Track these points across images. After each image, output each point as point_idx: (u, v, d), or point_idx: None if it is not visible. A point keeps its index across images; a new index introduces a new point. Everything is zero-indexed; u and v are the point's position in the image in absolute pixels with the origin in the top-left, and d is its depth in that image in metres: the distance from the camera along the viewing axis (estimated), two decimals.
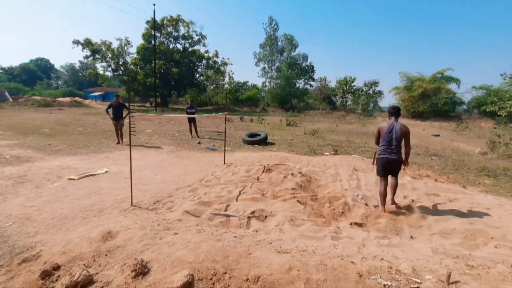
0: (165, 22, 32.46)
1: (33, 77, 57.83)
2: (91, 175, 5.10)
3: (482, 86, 27.69)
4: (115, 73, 33.95)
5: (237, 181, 4.95)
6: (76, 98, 31.90)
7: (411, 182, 5.36)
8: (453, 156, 8.36)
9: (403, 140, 3.93)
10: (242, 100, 40.59)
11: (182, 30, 34.44)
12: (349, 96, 38.52)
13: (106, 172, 5.36)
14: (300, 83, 43.79)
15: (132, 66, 33.32)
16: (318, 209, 3.91)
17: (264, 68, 46.14)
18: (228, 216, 3.34)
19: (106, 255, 2.26)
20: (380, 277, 1.97)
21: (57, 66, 69.61)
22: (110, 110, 8.47)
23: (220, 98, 41.48)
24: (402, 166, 4.09)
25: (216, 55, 36.79)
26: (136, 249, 2.29)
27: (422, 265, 2.22)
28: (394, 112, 4.05)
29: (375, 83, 35.06)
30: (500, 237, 3.09)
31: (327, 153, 7.87)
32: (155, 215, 3.38)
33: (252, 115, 25.46)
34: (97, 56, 31.05)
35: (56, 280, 2.00)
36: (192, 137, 10.44)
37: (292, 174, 5.33)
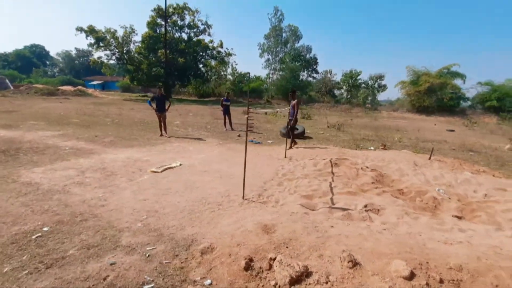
0: (170, 10, 31.69)
1: (29, 64, 55.90)
2: (169, 168, 5.16)
3: (487, 82, 28.31)
4: (119, 62, 33.17)
5: (314, 174, 5.09)
6: (79, 87, 31.18)
7: (474, 177, 5.60)
8: (488, 152, 8.67)
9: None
10: (245, 91, 40.38)
11: (188, 19, 33.80)
12: (352, 90, 38.80)
13: (180, 165, 5.41)
14: (303, 75, 43.77)
15: (136, 55, 32.60)
16: (412, 203, 4.10)
17: (268, 59, 45.78)
18: (344, 209, 3.49)
19: (287, 247, 2.38)
20: None
21: (52, 53, 67.64)
22: (154, 103, 8.43)
23: (223, 88, 41.19)
24: None
25: (221, 45, 36.35)
26: (313, 241, 2.42)
27: None
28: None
29: (381, 77, 35.32)
30: None
31: (372, 148, 8.07)
32: (272, 208, 3.50)
33: (257, 107, 25.29)
34: (101, 44, 30.21)
35: (261, 272, 2.12)
36: (226, 129, 10.48)
37: (361, 168, 5.50)
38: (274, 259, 2.20)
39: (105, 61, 32.03)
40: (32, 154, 5.59)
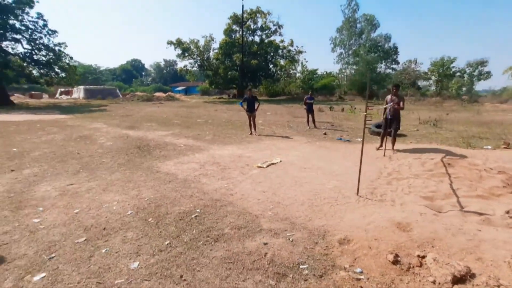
0: (245, 16, 33.41)
1: (130, 76, 67.88)
2: (271, 164, 5.56)
3: None
4: (201, 69, 36.79)
5: (425, 175, 4.73)
6: (169, 93, 35.93)
7: None
8: None
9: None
10: (316, 88, 39.47)
11: (260, 22, 35.08)
12: (444, 80, 33.61)
13: (280, 161, 5.77)
14: (381, 67, 40.17)
15: (214, 61, 35.58)
16: None
17: (340, 53, 43.74)
18: (480, 214, 3.17)
19: (433, 247, 2.35)
20: None
21: (146, 65, 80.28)
22: (245, 104, 9.14)
23: (293, 87, 41.23)
24: None
25: (291, 44, 36.50)
26: (463, 243, 2.32)
27: None
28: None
29: (483, 63, 29.60)
30: None
31: (489, 147, 6.94)
32: (392, 206, 3.45)
33: (329, 104, 24.10)
34: (186, 54, 34.04)
35: (411, 267, 2.16)
36: (309, 127, 10.55)
37: (485, 170, 4.83)
38: (423, 256, 2.20)
39: (189, 68, 35.94)
40: (159, 150, 6.81)
